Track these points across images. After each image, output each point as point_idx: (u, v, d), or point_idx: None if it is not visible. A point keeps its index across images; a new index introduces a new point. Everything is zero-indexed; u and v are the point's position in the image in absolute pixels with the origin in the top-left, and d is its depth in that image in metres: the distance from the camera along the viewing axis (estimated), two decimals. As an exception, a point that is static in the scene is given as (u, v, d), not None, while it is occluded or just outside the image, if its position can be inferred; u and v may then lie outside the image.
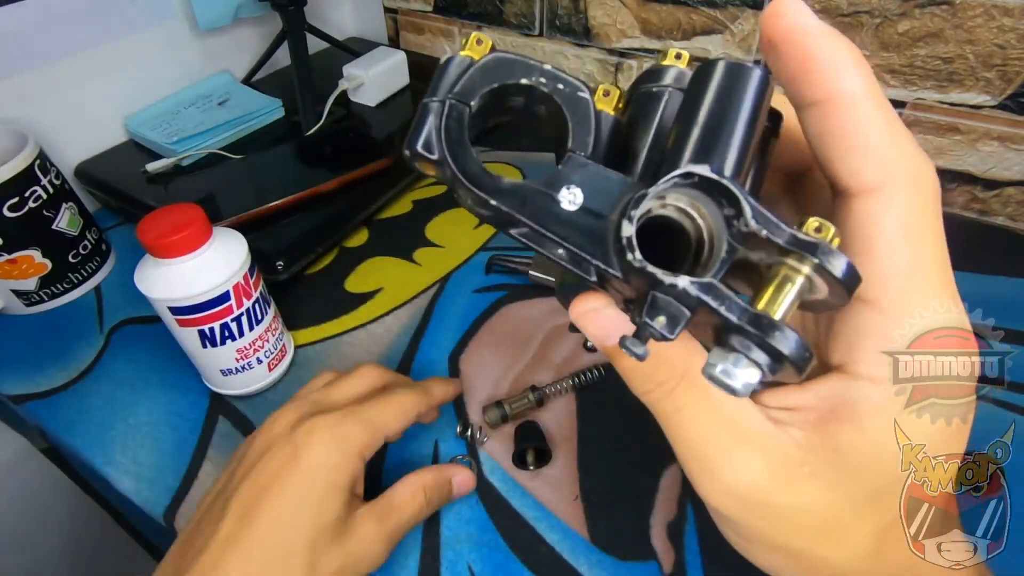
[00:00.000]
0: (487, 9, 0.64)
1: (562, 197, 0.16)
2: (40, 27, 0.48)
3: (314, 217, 0.47)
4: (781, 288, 0.14)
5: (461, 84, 0.16)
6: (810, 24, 0.15)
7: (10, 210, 0.40)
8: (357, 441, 0.27)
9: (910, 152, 0.15)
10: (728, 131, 0.15)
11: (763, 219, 0.14)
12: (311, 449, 0.26)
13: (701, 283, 0.14)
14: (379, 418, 0.29)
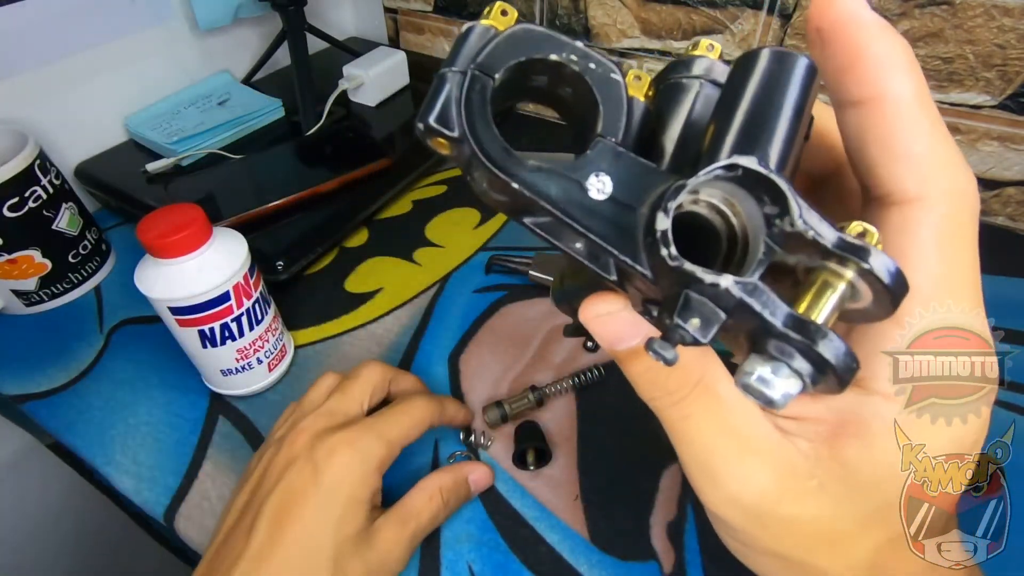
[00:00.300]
0: (487, 9, 0.64)
1: (590, 185, 0.15)
2: (40, 27, 0.48)
3: (314, 217, 0.47)
4: (821, 294, 0.13)
5: (485, 54, 0.14)
6: (864, 15, 0.14)
7: (10, 210, 0.40)
8: (376, 457, 0.28)
9: (955, 164, 0.14)
10: (774, 122, 0.13)
11: (811, 218, 0.13)
12: (332, 467, 0.27)
13: (745, 283, 0.13)
14: (395, 432, 0.29)
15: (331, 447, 0.27)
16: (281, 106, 0.59)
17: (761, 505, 0.17)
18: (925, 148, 0.14)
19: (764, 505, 0.17)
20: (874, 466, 0.16)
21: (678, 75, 0.16)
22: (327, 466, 0.27)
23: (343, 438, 0.28)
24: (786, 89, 0.13)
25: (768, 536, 0.18)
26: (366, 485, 0.27)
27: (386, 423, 0.29)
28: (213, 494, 0.34)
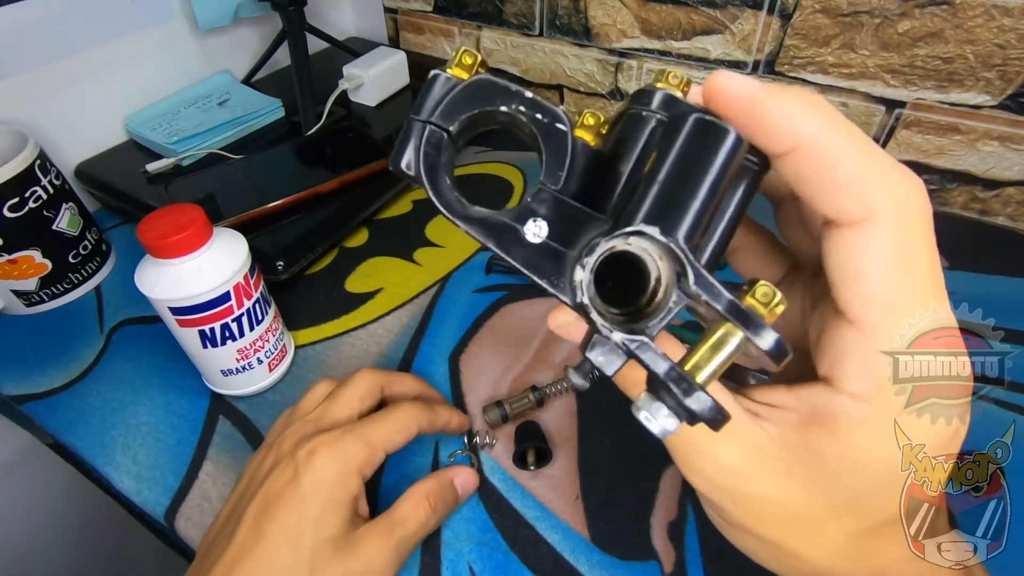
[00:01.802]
0: (487, 9, 0.64)
1: (527, 230, 0.17)
2: (40, 27, 0.48)
3: (314, 217, 0.47)
4: (717, 347, 0.15)
5: (442, 107, 0.17)
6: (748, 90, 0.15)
7: (10, 210, 0.40)
8: (355, 458, 0.28)
9: (894, 180, 0.16)
10: (689, 193, 0.15)
11: (704, 284, 0.15)
12: (311, 469, 0.27)
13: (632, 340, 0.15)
14: (377, 434, 0.29)
15: (311, 449, 0.27)
16: (281, 106, 0.59)
17: (731, 483, 0.18)
18: (858, 172, 0.15)
19: (733, 481, 0.18)
20: (840, 458, 0.17)
21: (638, 107, 0.17)
22: (306, 467, 0.27)
23: (323, 440, 0.28)
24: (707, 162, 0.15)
25: (741, 513, 0.19)
26: (345, 487, 0.27)
27: (368, 426, 0.29)
28: (213, 494, 0.34)
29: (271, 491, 0.27)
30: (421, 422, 0.31)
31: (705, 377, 0.15)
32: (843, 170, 0.15)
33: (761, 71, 0.53)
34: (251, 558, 0.25)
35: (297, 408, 0.33)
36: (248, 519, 0.26)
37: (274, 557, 0.25)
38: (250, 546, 0.25)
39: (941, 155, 0.50)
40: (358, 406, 0.32)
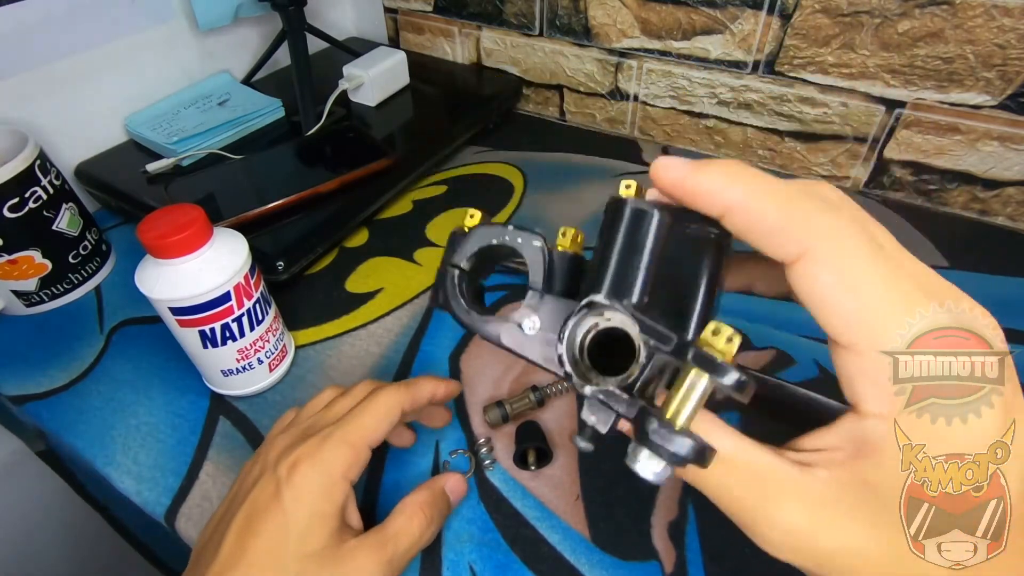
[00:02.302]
0: (487, 9, 0.64)
1: (525, 326, 0.22)
2: (40, 27, 0.48)
3: (314, 217, 0.47)
4: (690, 391, 0.17)
5: (455, 253, 0.24)
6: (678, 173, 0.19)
7: (10, 210, 0.40)
8: (339, 464, 0.27)
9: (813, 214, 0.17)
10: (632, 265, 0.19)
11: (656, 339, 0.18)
12: (292, 483, 0.26)
13: (600, 390, 0.18)
14: (357, 432, 0.28)
15: (292, 462, 0.27)
16: (281, 106, 0.59)
17: (804, 543, 0.18)
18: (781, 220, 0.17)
19: (804, 540, 0.18)
20: (891, 481, 0.18)
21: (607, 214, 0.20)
22: (288, 482, 0.26)
23: (304, 452, 0.27)
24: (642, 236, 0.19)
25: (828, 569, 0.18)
26: (330, 498, 0.26)
27: (346, 426, 0.28)
28: (214, 494, 0.34)
29: (255, 505, 0.26)
30: (403, 404, 0.30)
31: (684, 420, 0.17)
32: (768, 220, 0.18)
33: (761, 71, 0.53)
34: (237, 572, 0.25)
35: (299, 414, 0.32)
36: (232, 533, 0.26)
37: (258, 574, 0.25)
38: (233, 563, 0.25)
39: (941, 155, 0.50)
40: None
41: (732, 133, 0.58)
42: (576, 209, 0.53)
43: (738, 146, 0.59)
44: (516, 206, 0.54)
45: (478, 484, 0.34)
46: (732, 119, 0.58)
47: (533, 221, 0.52)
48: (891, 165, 0.52)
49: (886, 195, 0.54)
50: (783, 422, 0.24)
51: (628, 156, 0.60)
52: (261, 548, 0.25)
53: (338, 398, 0.32)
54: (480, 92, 0.65)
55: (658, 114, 0.61)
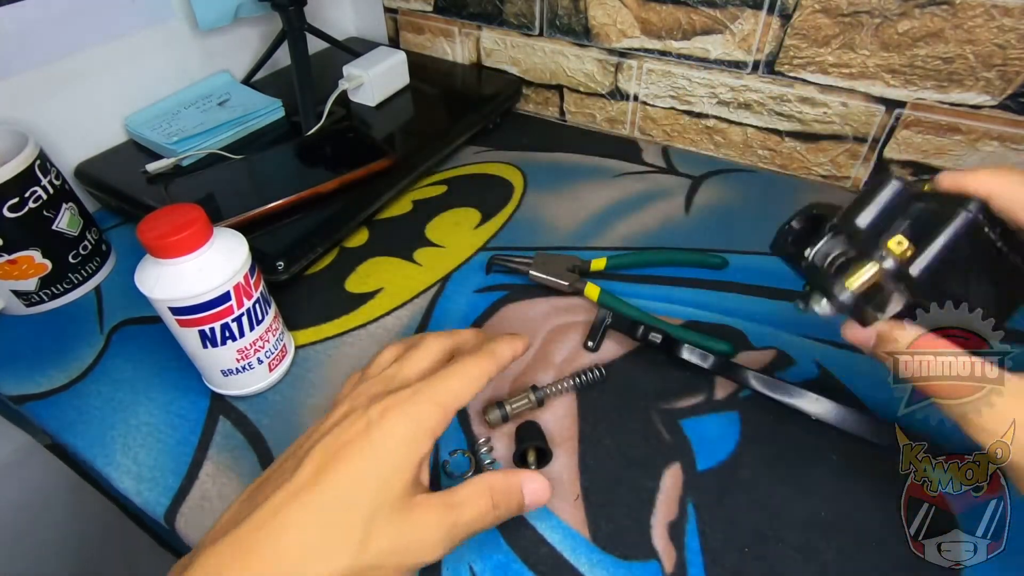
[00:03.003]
0: (487, 9, 0.64)
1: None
2: (40, 27, 0.48)
3: (314, 217, 0.47)
4: (863, 272, 0.25)
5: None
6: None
7: (10, 210, 0.40)
8: (429, 419, 0.27)
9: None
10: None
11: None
12: (383, 425, 0.26)
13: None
14: (448, 394, 0.28)
15: (385, 407, 0.27)
16: (281, 106, 0.59)
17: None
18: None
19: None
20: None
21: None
22: (378, 424, 0.26)
23: (395, 399, 0.27)
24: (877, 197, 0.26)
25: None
26: (416, 449, 0.26)
27: (438, 387, 0.28)
28: (214, 494, 0.34)
29: (340, 437, 0.26)
30: (490, 373, 0.30)
31: (856, 286, 0.25)
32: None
33: (761, 71, 0.53)
34: (311, 496, 0.24)
35: (366, 370, 0.32)
36: (314, 458, 0.25)
37: (334, 502, 0.24)
38: (312, 484, 0.25)
39: (941, 155, 0.50)
40: (428, 369, 0.30)
41: (732, 133, 0.58)
42: (576, 209, 0.53)
43: (738, 146, 0.59)
44: (516, 206, 0.54)
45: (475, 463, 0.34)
46: (732, 119, 0.58)
47: (533, 221, 0.52)
48: (891, 165, 0.52)
49: (886, 195, 0.54)
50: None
51: (628, 156, 0.60)
52: (343, 477, 0.25)
53: (407, 353, 0.31)
54: (480, 92, 0.65)
55: (658, 114, 0.61)
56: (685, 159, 0.60)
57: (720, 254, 0.47)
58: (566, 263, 0.45)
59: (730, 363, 0.37)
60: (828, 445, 0.34)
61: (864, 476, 0.33)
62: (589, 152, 0.61)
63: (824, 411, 0.33)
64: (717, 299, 0.44)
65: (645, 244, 0.49)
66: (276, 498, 0.24)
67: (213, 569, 0.23)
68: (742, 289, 0.45)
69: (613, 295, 0.43)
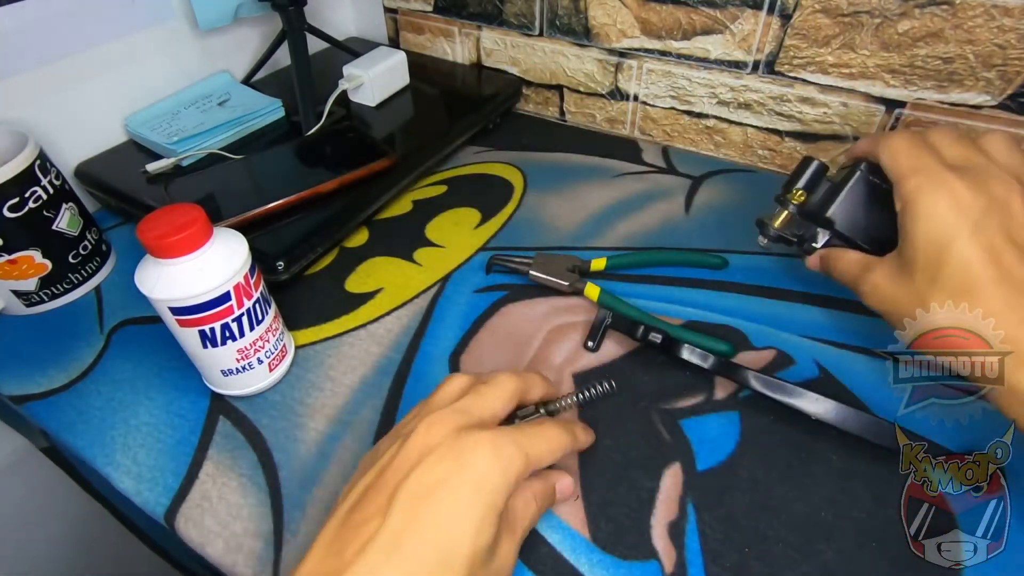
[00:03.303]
0: (487, 9, 0.64)
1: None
2: (40, 27, 0.48)
3: (314, 217, 0.47)
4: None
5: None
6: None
7: (10, 210, 0.40)
8: (516, 468, 0.26)
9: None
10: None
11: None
12: (477, 463, 0.25)
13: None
14: (535, 452, 0.27)
15: (475, 442, 0.25)
16: (281, 106, 0.59)
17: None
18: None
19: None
20: (911, 251, 0.32)
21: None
22: (471, 461, 0.25)
23: (487, 437, 0.26)
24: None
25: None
26: (503, 493, 0.25)
27: (527, 437, 0.27)
28: (213, 494, 0.34)
29: (430, 475, 0.25)
30: (566, 449, 0.29)
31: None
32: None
33: (761, 71, 0.53)
34: (408, 545, 0.23)
35: (432, 400, 0.31)
36: (404, 500, 0.24)
37: (433, 549, 0.23)
38: (407, 532, 0.23)
39: (941, 155, 0.50)
40: (501, 409, 0.29)
41: (732, 133, 0.58)
42: (576, 209, 0.53)
43: (738, 146, 0.59)
44: (516, 206, 0.54)
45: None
46: (732, 119, 0.58)
47: (533, 221, 0.52)
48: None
49: (886, 195, 0.54)
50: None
51: (628, 156, 0.60)
52: (439, 522, 0.24)
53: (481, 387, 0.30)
54: (480, 92, 0.65)
55: (658, 114, 0.61)
56: (685, 159, 0.60)
57: (720, 254, 0.47)
58: (566, 263, 0.45)
59: (730, 363, 0.37)
60: (828, 445, 0.34)
61: (864, 476, 0.33)
62: (589, 152, 0.61)
63: (824, 411, 0.33)
64: (717, 299, 0.44)
65: (645, 244, 0.49)
66: (370, 556, 0.23)
67: None
68: (742, 289, 0.45)
69: (613, 295, 0.43)
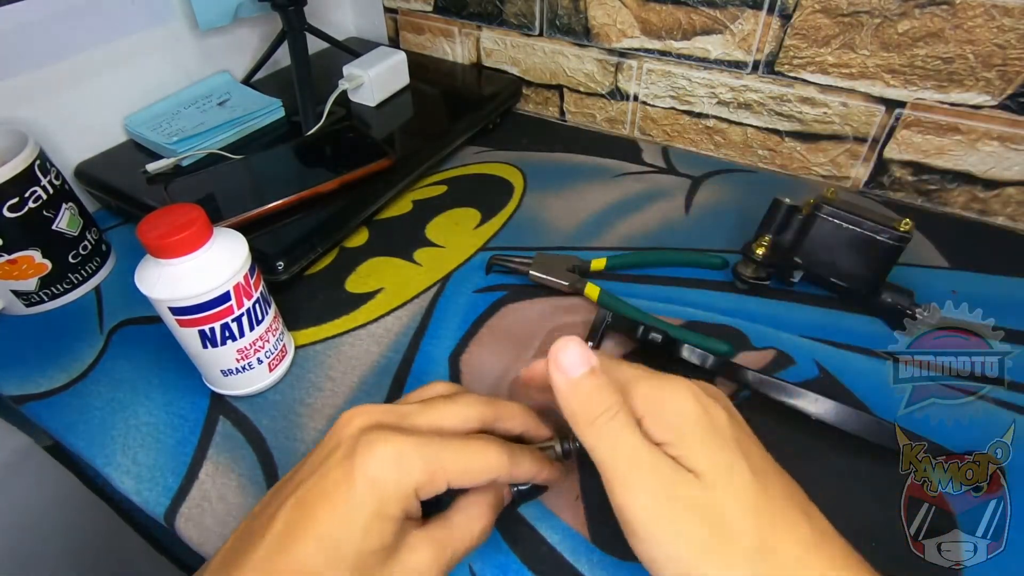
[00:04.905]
0: (487, 9, 0.64)
1: None
2: (40, 27, 0.48)
3: (314, 217, 0.47)
4: None
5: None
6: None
7: (10, 210, 0.40)
8: (413, 479, 0.24)
9: None
10: None
11: None
12: (368, 467, 0.24)
13: None
14: (447, 461, 0.25)
15: (374, 444, 0.24)
16: (281, 106, 0.59)
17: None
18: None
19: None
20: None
21: None
22: (364, 463, 0.24)
23: (389, 441, 0.25)
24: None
25: None
26: (397, 503, 0.24)
27: (444, 450, 0.25)
28: (213, 494, 0.34)
29: (321, 482, 0.24)
30: (500, 471, 0.26)
31: None
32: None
33: (761, 71, 0.53)
34: (290, 552, 0.23)
35: (404, 399, 0.30)
36: (290, 509, 0.24)
37: (315, 557, 0.23)
38: (286, 545, 0.23)
39: (941, 155, 0.50)
40: (448, 427, 0.28)
41: (732, 133, 0.58)
42: (576, 209, 0.53)
43: (738, 146, 0.59)
44: (516, 206, 0.54)
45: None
46: (732, 119, 0.58)
47: (533, 221, 0.52)
48: (891, 165, 0.52)
49: (886, 195, 0.54)
50: None
51: (628, 156, 0.60)
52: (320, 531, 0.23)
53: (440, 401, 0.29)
54: (480, 92, 0.65)
55: (658, 114, 0.61)
56: (685, 159, 0.60)
57: (720, 254, 0.47)
58: (566, 263, 0.45)
59: (730, 363, 0.37)
60: (828, 445, 0.34)
61: (864, 476, 0.33)
62: (589, 152, 0.61)
63: (824, 411, 0.33)
64: (717, 299, 0.44)
65: (645, 244, 0.49)
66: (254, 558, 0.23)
67: None
68: (742, 289, 0.45)
69: (613, 295, 0.43)
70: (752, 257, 0.42)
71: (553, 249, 0.49)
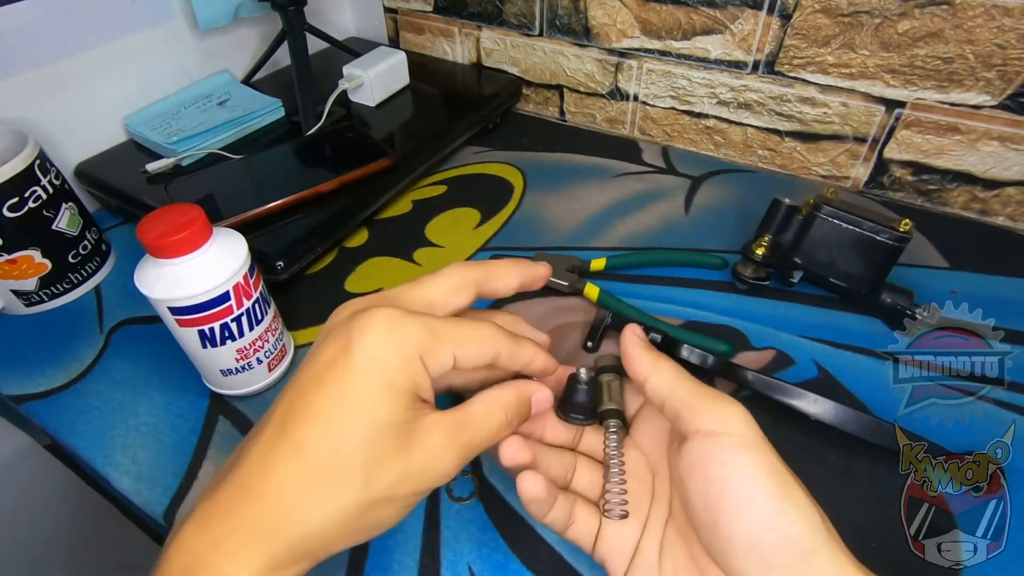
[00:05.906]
0: (487, 9, 0.64)
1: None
2: (40, 27, 0.48)
3: (314, 217, 0.47)
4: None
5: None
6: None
7: (10, 210, 0.40)
8: (416, 341, 0.23)
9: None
10: None
11: None
12: (364, 341, 0.22)
13: None
14: (447, 329, 0.24)
15: (368, 319, 0.23)
16: (281, 106, 0.59)
17: None
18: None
19: None
20: None
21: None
22: (359, 339, 0.22)
23: (381, 313, 0.23)
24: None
25: None
26: (404, 371, 0.23)
27: (444, 323, 0.24)
28: (213, 494, 0.34)
29: (320, 361, 0.23)
30: (502, 347, 0.25)
31: None
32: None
33: (761, 71, 0.53)
34: (296, 430, 0.22)
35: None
36: (291, 392, 0.23)
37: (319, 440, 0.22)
38: (296, 419, 0.22)
39: (941, 155, 0.50)
40: (439, 297, 0.26)
41: (732, 133, 0.58)
42: (576, 209, 0.53)
43: (738, 146, 0.59)
44: (516, 206, 0.54)
45: (478, 485, 0.34)
46: (732, 119, 0.58)
47: (533, 221, 0.52)
48: (891, 165, 0.52)
49: (886, 195, 0.54)
50: None
51: (628, 156, 0.60)
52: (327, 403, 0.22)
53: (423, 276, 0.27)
54: (480, 92, 0.65)
55: (658, 114, 0.61)
56: (685, 159, 0.60)
57: (720, 254, 0.47)
58: (566, 263, 0.45)
59: (730, 363, 0.37)
60: (828, 445, 0.34)
61: (864, 476, 0.33)
62: (589, 152, 0.61)
63: (824, 411, 0.33)
64: (717, 299, 0.44)
65: (645, 244, 0.49)
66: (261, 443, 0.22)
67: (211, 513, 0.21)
68: (742, 289, 0.45)
69: (613, 295, 0.43)
70: (752, 257, 0.42)
71: (553, 249, 0.49)
